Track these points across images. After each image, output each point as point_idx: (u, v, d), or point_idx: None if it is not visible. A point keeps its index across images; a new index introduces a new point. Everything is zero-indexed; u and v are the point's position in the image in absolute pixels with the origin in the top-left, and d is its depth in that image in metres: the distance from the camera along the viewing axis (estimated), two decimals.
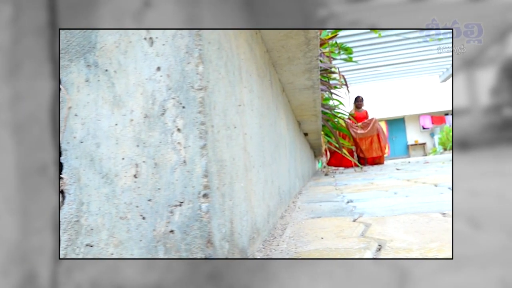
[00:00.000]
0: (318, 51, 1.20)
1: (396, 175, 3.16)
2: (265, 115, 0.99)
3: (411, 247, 0.70)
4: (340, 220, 1.07)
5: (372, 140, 7.91)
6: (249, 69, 0.79)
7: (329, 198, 1.69)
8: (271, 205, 0.97)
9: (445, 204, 1.20)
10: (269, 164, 1.00)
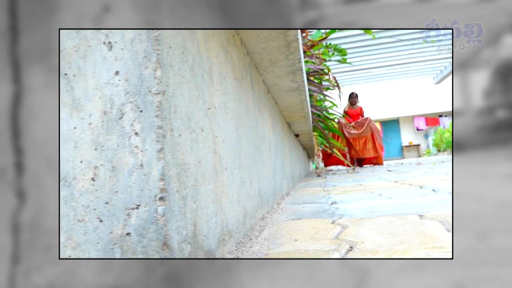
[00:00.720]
0: (299, 54, 1.21)
1: (386, 176, 3.18)
2: (243, 117, 0.99)
3: (379, 249, 0.71)
4: (319, 222, 1.07)
5: (366, 140, 7.72)
6: (223, 72, 0.80)
7: (314, 200, 1.70)
8: (248, 206, 0.97)
9: (425, 206, 1.22)
10: (248, 166, 1.01)
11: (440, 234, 0.80)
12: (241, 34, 1.02)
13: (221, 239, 0.69)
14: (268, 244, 0.82)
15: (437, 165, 4.76)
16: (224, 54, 0.82)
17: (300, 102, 2.00)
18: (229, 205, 0.77)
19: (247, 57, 1.14)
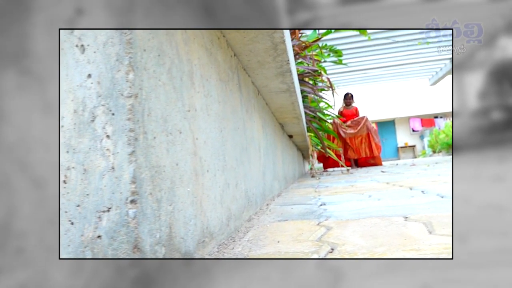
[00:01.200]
0: (287, 56, 1.21)
1: (379, 177, 3.19)
2: (229, 119, 1.00)
3: (358, 251, 0.72)
4: (305, 224, 1.08)
5: (362, 140, 7.57)
6: (206, 74, 0.80)
7: (304, 201, 1.70)
8: (233, 208, 0.97)
9: (411, 208, 1.22)
10: (233, 168, 1.01)
11: (421, 236, 0.81)
12: (227, 36, 1.02)
13: (201, 241, 0.69)
14: (251, 246, 0.82)
15: (430, 166, 4.79)
16: (207, 56, 0.82)
17: (291, 104, 2.00)
18: (211, 207, 0.77)
19: (234, 59, 1.15)
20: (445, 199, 1.38)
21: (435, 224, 0.92)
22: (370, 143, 7.54)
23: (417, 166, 5.13)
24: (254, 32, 1.00)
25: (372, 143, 7.53)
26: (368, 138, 7.56)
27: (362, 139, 7.55)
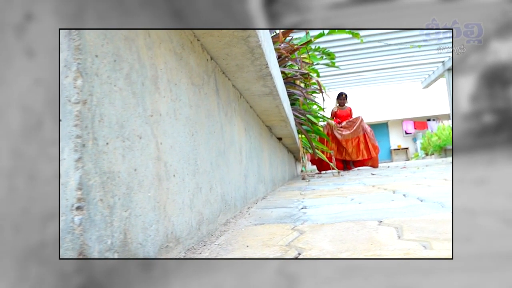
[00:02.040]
0: (265, 60, 1.22)
1: (367, 180, 3.20)
2: (203, 123, 0.99)
3: (323, 256, 0.72)
4: (280, 228, 1.08)
5: (359, 142, 7.25)
6: (175, 78, 0.80)
7: (286, 204, 1.70)
8: (206, 212, 0.97)
9: (389, 212, 1.23)
10: (207, 172, 1.01)
11: (388, 241, 0.81)
12: (202, 40, 1.02)
13: (164, 246, 0.69)
14: (219, 251, 0.82)
15: (420, 168, 4.82)
16: (176, 60, 0.82)
17: (276, 107, 2.01)
18: (178, 211, 0.77)
19: (211, 63, 1.15)
20: (424, 203, 1.38)
21: (406, 228, 0.93)
22: (367, 144, 7.26)
23: (408, 169, 5.16)
24: (228, 36, 1.00)
25: (369, 144, 7.25)
26: (364, 140, 7.28)
27: (358, 141, 7.25)
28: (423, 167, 5.07)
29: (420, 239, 0.79)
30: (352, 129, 7.28)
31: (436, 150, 11.34)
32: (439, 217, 1.04)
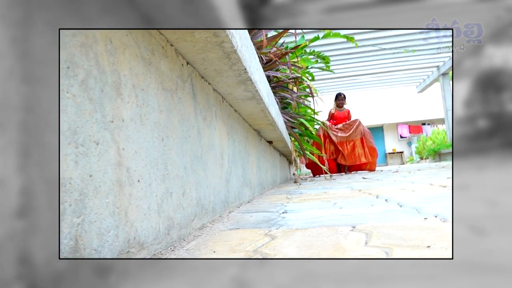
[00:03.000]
0: (243, 65, 1.22)
1: (356, 184, 3.21)
2: (176, 128, 1.00)
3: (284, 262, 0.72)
4: (253, 232, 1.08)
5: (355, 145, 6.90)
6: (142, 84, 0.80)
7: (268, 208, 1.71)
8: (178, 217, 0.97)
9: (365, 217, 1.23)
10: (180, 176, 1.01)
11: (353, 247, 0.81)
12: (176, 45, 1.03)
13: (125, 251, 0.69)
14: (185, 256, 0.83)
15: (411, 173, 4.83)
16: (145, 66, 0.82)
17: (261, 111, 2.01)
18: (142, 217, 0.77)
19: (188, 67, 1.15)
20: (402, 208, 1.39)
21: (375, 235, 0.93)
22: (363, 149, 6.92)
23: (399, 173, 5.17)
24: (202, 41, 1.01)
25: (365, 149, 6.91)
26: (361, 144, 6.94)
27: (354, 144, 6.92)
28: (415, 172, 5.09)
29: (384, 246, 0.80)
30: (348, 132, 6.97)
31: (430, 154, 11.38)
32: (410, 223, 1.04)
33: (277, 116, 2.57)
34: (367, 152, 6.95)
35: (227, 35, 0.98)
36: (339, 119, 7.34)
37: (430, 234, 0.87)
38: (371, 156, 7.04)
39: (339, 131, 7.03)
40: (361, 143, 6.93)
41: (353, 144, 6.93)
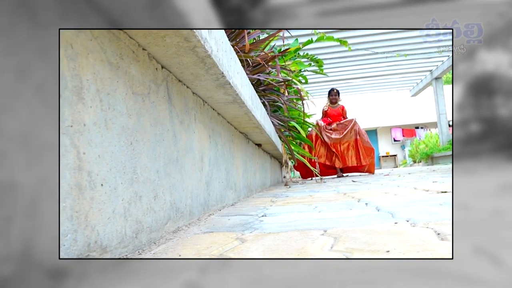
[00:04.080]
0: (219, 69, 1.23)
1: (343, 188, 3.22)
2: (147, 132, 1.00)
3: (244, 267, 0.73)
4: (225, 236, 1.09)
5: (349, 147, 6.54)
6: (108, 88, 0.81)
7: (249, 212, 1.71)
8: (148, 221, 0.98)
9: (340, 221, 1.24)
10: (151, 180, 1.02)
11: (317, 252, 0.82)
12: (149, 50, 1.03)
13: (84, 255, 0.69)
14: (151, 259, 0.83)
15: (401, 176, 4.86)
16: (111, 70, 0.83)
17: (245, 114, 2.02)
18: (106, 220, 0.77)
19: (163, 71, 1.16)
20: (378, 212, 1.40)
21: (342, 239, 0.94)
22: (358, 151, 6.54)
23: (390, 176, 5.20)
24: (174, 46, 1.01)
25: (360, 151, 6.53)
26: (356, 145, 6.55)
27: (348, 145, 6.56)
28: (405, 175, 5.12)
29: (347, 250, 0.81)
30: (343, 132, 6.60)
31: (423, 157, 11.46)
32: (380, 227, 1.05)
33: (263, 119, 2.58)
34: (361, 154, 6.57)
35: (198, 40, 0.99)
36: (333, 116, 6.89)
37: (394, 238, 0.88)
38: (368, 156, 6.67)
39: (333, 132, 6.64)
40: (355, 144, 6.58)
41: (347, 146, 6.59)
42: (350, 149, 6.61)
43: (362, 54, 9.37)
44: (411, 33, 8.58)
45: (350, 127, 6.63)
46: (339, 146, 6.61)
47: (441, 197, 1.73)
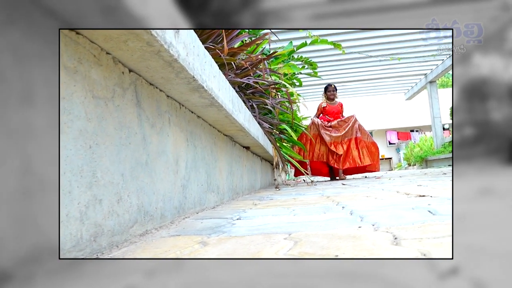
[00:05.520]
0: (190, 73, 1.24)
1: (330, 191, 3.23)
2: (110, 135, 1.01)
3: None
4: (190, 240, 1.09)
5: (350, 146, 5.99)
6: (63, 92, 0.81)
7: (225, 215, 1.72)
8: (109, 224, 0.98)
9: (309, 225, 1.25)
10: (115, 183, 1.02)
11: (270, 256, 0.83)
12: (113, 54, 1.04)
13: (31, 259, 0.69)
14: (107, 262, 0.83)
15: (391, 179, 4.87)
16: (68, 74, 0.84)
17: (225, 117, 2.03)
18: (57, 224, 0.77)
19: (130, 75, 1.16)
20: (350, 216, 1.41)
21: (302, 243, 0.95)
22: (359, 151, 6.01)
23: (381, 179, 5.21)
24: (138, 50, 1.02)
25: (361, 151, 5.99)
26: (356, 144, 6.02)
27: (349, 145, 6.02)
28: (395, 178, 5.13)
29: (299, 255, 0.81)
30: (343, 130, 6.06)
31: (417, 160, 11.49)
32: (343, 231, 1.06)
33: (247, 122, 2.59)
34: (362, 154, 6.02)
35: (161, 45, 0.99)
36: (332, 114, 6.37)
37: (349, 243, 0.88)
38: (371, 154, 6.11)
39: (332, 130, 6.14)
40: (355, 143, 6.03)
41: (348, 145, 6.03)
42: (350, 148, 6.04)
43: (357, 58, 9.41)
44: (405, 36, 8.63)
45: (350, 125, 6.10)
46: (340, 146, 6.06)
47: (417, 201, 1.74)
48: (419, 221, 1.13)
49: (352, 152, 6.01)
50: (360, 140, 6.13)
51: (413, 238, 0.89)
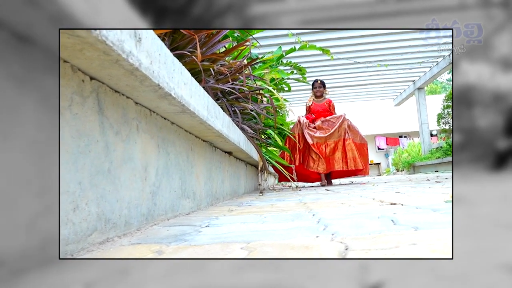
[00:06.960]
0: (154, 82, 1.24)
1: (310, 197, 3.25)
2: (66, 144, 1.00)
3: None
4: (147, 248, 1.09)
5: (336, 148, 5.45)
6: (10, 102, 0.81)
7: (196, 222, 1.72)
8: (63, 233, 0.97)
9: (271, 234, 1.26)
10: (71, 192, 1.02)
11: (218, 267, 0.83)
12: (71, 62, 1.04)
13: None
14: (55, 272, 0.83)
15: (375, 185, 4.91)
16: (15, 84, 0.83)
17: (200, 123, 2.03)
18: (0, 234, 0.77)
19: (92, 83, 1.16)
20: (315, 225, 1.42)
21: (255, 252, 0.95)
22: (345, 153, 5.42)
23: (365, 185, 5.24)
24: (97, 59, 1.02)
25: (348, 154, 5.40)
26: (343, 146, 5.42)
27: (335, 146, 5.46)
28: (379, 184, 5.17)
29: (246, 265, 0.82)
30: (328, 131, 5.48)
31: (405, 166, 11.60)
32: (300, 241, 1.07)
33: (226, 128, 2.59)
34: (350, 158, 5.43)
35: (119, 54, 1.00)
36: (317, 112, 5.78)
37: (299, 254, 0.89)
38: (360, 155, 5.51)
39: (317, 130, 5.55)
40: (343, 146, 5.44)
41: (334, 146, 5.45)
42: (336, 150, 5.45)
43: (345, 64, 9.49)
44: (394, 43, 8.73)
45: (338, 125, 5.45)
46: (323, 147, 5.45)
47: (387, 209, 1.76)
48: (376, 231, 1.14)
49: (338, 154, 5.44)
50: (349, 143, 5.50)
51: (362, 249, 0.90)
